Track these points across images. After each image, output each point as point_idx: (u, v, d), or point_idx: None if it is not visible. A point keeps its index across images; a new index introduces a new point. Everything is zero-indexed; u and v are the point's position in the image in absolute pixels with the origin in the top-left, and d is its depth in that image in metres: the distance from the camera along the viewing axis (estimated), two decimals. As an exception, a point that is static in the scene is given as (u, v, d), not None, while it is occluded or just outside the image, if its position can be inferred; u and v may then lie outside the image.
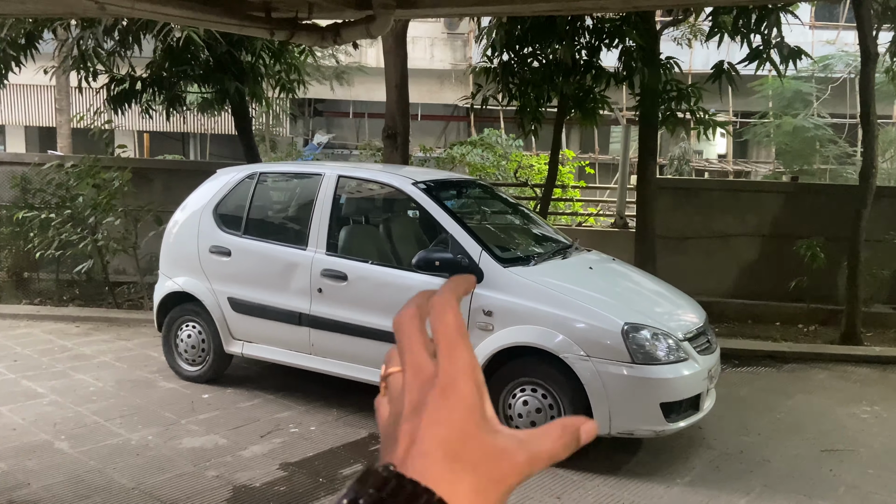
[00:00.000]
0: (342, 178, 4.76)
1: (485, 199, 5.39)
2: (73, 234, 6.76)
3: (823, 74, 17.30)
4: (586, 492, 3.65)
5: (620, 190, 9.39)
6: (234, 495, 3.44)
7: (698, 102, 7.05)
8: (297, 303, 4.59)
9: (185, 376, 5.09)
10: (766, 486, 3.79)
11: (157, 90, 7.58)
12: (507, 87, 7.32)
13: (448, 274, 4.11)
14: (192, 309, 5.04)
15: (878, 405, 5.17)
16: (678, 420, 3.88)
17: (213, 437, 4.14)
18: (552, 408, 3.93)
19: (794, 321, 7.69)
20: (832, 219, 7.68)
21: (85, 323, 6.61)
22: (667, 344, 3.89)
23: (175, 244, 5.19)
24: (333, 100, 21.99)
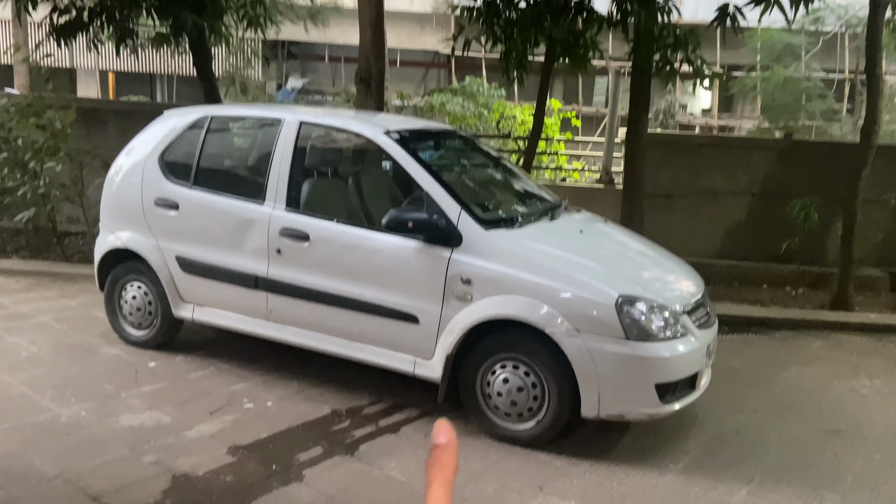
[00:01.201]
0: (305, 124, 4.20)
1: (465, 151, 4.88)
2: (10, 180, 6.14)
3: (815, 27, 16.80)
4: (571, 480, 3.29)
5: (607, 144, 8.92)
6: (171, 486, 3.01)
7: (696, 50, 6.54)
8: (252, 264, 4.10)
9: (130, 341, 4.61)
10: (766, 474, 3.45)
11: (106, 22, 6.86)
12: (491, 29, 6.74)
13: (422, 236, 3.64)
14: (136, 267, 4.53)
15: (877, 379, 4.88)
16: (674, 402, 3.51)
17: (155, 413, 3.69)
18: (535, 387, 3.53)
19: (782, 283, 7.40)
20: (825, 178, 7.34)
21: (26, 277, 6.05)
22: (664, 318, 3.49)
23: (117, 194, 4.63)
24: (308, 42, 21.01)
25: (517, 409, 3.58)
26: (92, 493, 2.93)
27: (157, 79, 22.90)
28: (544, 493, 3.16)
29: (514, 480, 3.25)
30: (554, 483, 3.26)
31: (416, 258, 3.68)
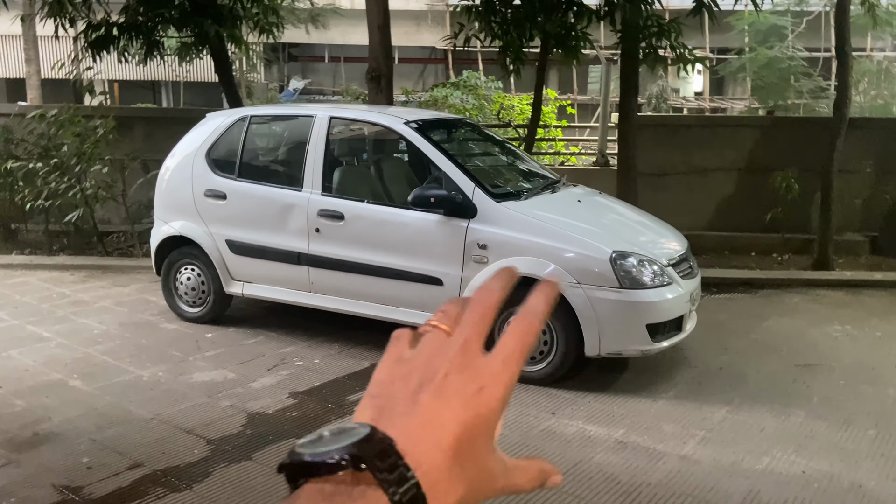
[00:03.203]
0: (334, 119, 4.83)
1: (474, 138, 5.50)
2: (60, 184, 6.76)
3: (799, 8, 17.34)
4: (579, 408, 3.91)
5: (602, 128, 9.51)
6: (249, 421, 3.64)
7: (679, 38, 7.13)
8: (295, 243, 4.72)
9: (186, 318, 5.23)
10: (744, 398, 4.08)
11: (135, 35, 7.46)
12: (489, 25, 7.33)
13: (443, 210, 4.26)
14: (190, 252, 5.15)
15: (848, 325, 5.48)
16: (663, 340, 4.13)
17: (221, 371, 4.33)
18: (545, 333, 4.15)
19: (770, 251, 7.98)
20: (807, 151, 7.89)
21: (79, 271, 6.69)
22: (652, 270, 4.10)
23: (168, 190, 5.25)
24: (308, 44, 21.56)
25: (530, 353, 4.19)
26: (185, 428, 3.56)
27: (162, 86, 23.48)
28: (556, 417, 3.79)
29: (531, 408, 3.88)
30: (564, 409, 3.88)
31: (438, 229, 4.30)
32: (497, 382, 0.44)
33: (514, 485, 0.46)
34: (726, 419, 3.82)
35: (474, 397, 0.43)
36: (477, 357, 0.45)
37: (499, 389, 0.44)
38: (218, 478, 3.10)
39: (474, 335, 0.46)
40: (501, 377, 0.44)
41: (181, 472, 3.15)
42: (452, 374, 0.44)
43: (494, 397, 0.44)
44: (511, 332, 0.47)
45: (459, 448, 0.42)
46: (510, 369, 0.45)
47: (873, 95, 16.85)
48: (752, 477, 3.22)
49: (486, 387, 0.44)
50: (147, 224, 7.37)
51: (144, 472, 3.14)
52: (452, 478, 0.42)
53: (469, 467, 0.43)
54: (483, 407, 0.43)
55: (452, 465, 0.42)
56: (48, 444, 3.40)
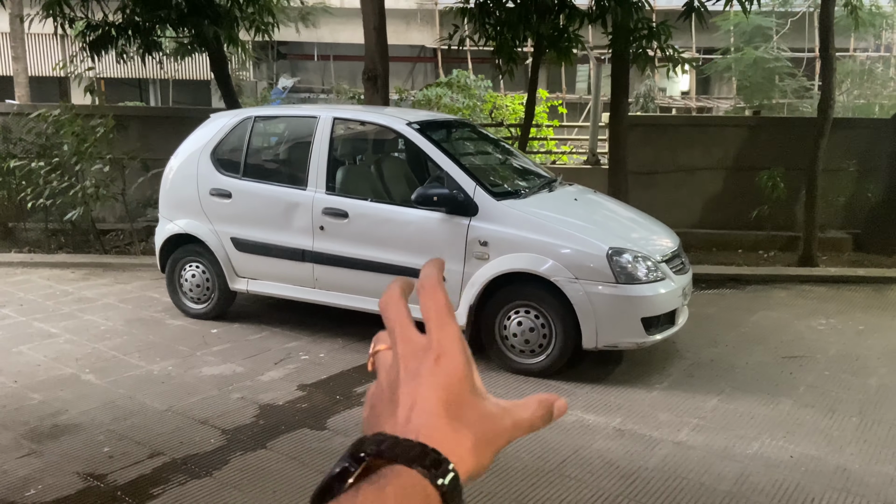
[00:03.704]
0: (338, 119, 4.96)
1: (472, 138, 5.65)
2: (61, 183, 6.84)
3: (784, 9, 17.64)
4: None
5: (592, 128, 9.69)
6: (261, 412, 3.77)
7: (668, 40, 7.31)
8: (300, 240, 4.84)
9: (191, 314, 5.34)
10: (734, 388, 4.26)
11: (133, 36, 7.53)
12: (483, 27, 7.48)
13: (445, 208, 4.41)
14: (194, 250, 5.26)
15: (833, 318, 5.69)
16: (656, 333, 4.30)
17: (230, 365, 4.45)
18: (544, 326, 4.32)
19: (756, 248, 8.20)
20: (792, 150, 8.11)
21: (79, 269, 6.77)
22: (646, 265, 4.27)
23: (173, 188, 5.36)
24: (297, 42, 21.57)
25: (530, 346, 4.36)
26: (199, 419, 3.69)
27: (150, 84, 23.40)
28: (556, 407, 3.94)
29: (532, 399, 4.02)
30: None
31: (441, 227, 4.45)
32: (444, 343, 0.49)
33: (521, 420, 0.50)
34: (718, 408, 4.00)
35: (436, 366, 0.48)
36: (417, 340, 0.49)
37: (450, 346, 0.48)
38: (236, 465, 3.24)
39: (402, 327, 0.50)
40: (445, 338, 0.49)
41: (200, 459, 3.28)
42: (408, 361, 0.49)
43: (452, 355, 0.48)
44: (425, 305, 0.50)
45: (449, 407, 0.46)
46: (447, 329, 0.49)
47: (856, 95, 17.19)
48: (743, 461, 3.39)
49: (441, 353, 0.48)
50: (145, 222, 7.47)
51: (165, 461, 3.26)
52: (455, 431, 0.46)
53: (467, 417, 0.47)
54: (449, 366, 0.48)
55: (450, 421, 0.46)
56: (68, 435, 3.52)
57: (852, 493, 3.13)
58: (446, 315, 0.50)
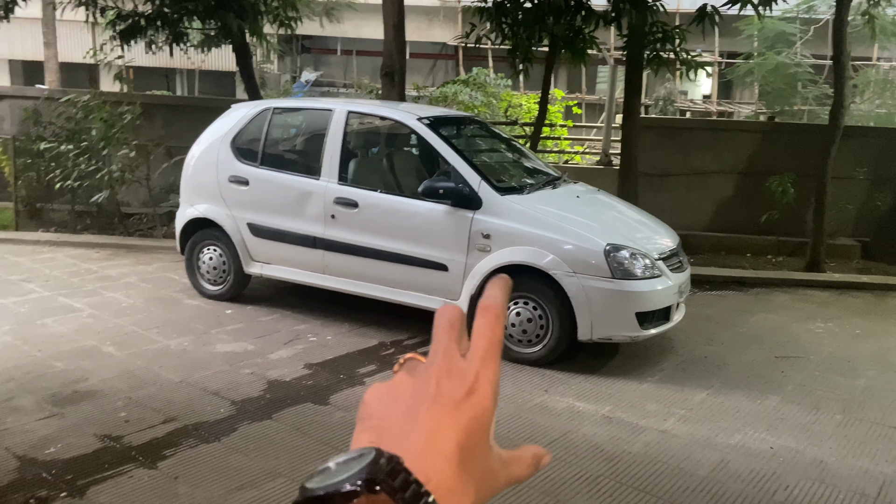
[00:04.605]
0: (352, 113, 5.17)
1: (481, 134, 5.83)
2: (89, 166, 7.13)
3: (807, 15, 17.57)
4: (570, 387, 4.25)
5: (606, 129, 9.82)
6: (269, 387, 3.99)
7: (682, 44, 7.42)
8: (312, 228, 5.06)
9: (207, 295, 5.58)
10: (723, 384, 4.41)
11: (161, 26, 7.80)
12: (499, 26, 7.63)
13: (450, 201, 4.60)
14: (212, 234, 5.50)
15: (831, 322, 5.80)
16: (651, 328, 4.46)
17: (242, 343, 4.68)
18: (541, 318, 4.49)
19: (765, 252, 8.28)
20: (804, 157, 8.16)
21: (104, 249, 7.05)
22: (643, 262, 4.43)
23: (194, 175, 5.60)
24: (321, 36, 21.85)
25: (528, 336, 4.54)
26: (211, 390, 3.92)
27: (176, 74, 23.82)
28: (549, 394, 4.13)
29: (526, 385, 4.21)
30: (556, 387, 4.22)
31: (446, 219, 4.63)
32: (483, 381, 0.45)
33: (513, 476, 0.48)
34: (705, 401, 4.15)
35: (466, 400, 0.45)
36: (458, 361, 0.46)
37: (487, 387, 0.45)
38: (243, 433, 3.46)
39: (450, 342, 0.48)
40: (485, 375, 0.46)
41: (210, 426, 3.50)
42: (442, 380, 0.45)
43: (485, 396, 0.45)
44: (479, 330, 0.48)
45: (463, 454, 0.43)
46: (491, 365, 0.46)
47: (878, 104, 17.09)
48: (724, 450, 3.55)
49: (475, 388, 0.45)
50: (167, 207, 7.75)
51: (177, 426, 3.49)
52: (462, 484, 0.43)
53: (474, 471, 0.44)
54: (477, 408, 0.45)
55: (460, 473, 0.43)
56: (88, 401, 3.76)
57: (825, 484, 3.27)
58: (495, 350, 0.47)
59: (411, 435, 0.43)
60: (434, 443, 0.43)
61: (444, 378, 0.45)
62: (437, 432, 0.43)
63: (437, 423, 0.44)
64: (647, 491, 3.14)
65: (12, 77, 21.34)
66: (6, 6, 7.76)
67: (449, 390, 0.45)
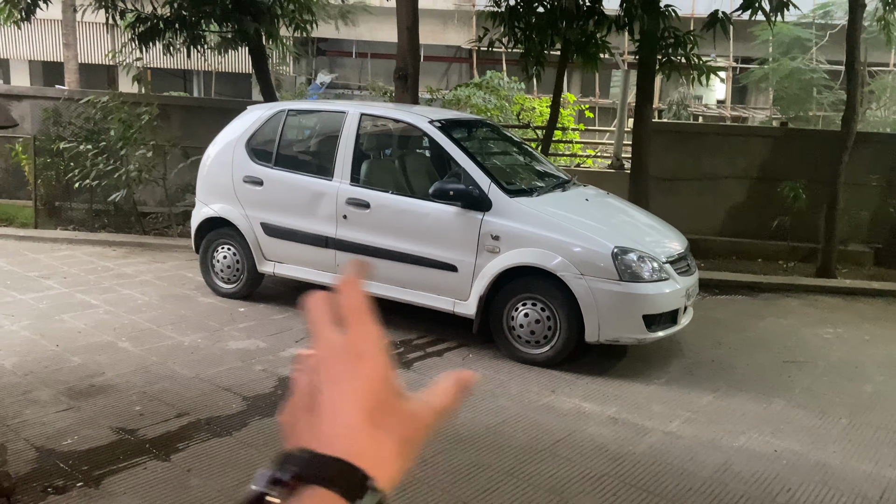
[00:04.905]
0: (364, 115, 5.25)
1: (493, 137, 5.89)
2: (107, 166, 7.26)
3: (823, 21, 17.49)
4: (576, 387, 4.29)
5: (618, 132, 9.84)
6: (280, 384, 4.07)
7: (694, 49, 7.44)
8: (324, 228, 5.14)
9: (220, 293, 5.68)
10: (730, 387, 4.43)
11: (179, 29, 7.94)
12: (512, 31, 7.69)
13: (460, 203, 4.66)
14: (227, 233, 5.59)
15: (840, 328, 5.80)
16: (658, 330, 4.49)
17: (254, 341, 4.76)
18: (549, 319, 4.54)
19: (776, 258, 8.26)
20: (817, 163, 8.14)
21: (120, 247, 7.18)
22: (651, 265, 4.47)
23: (209, 175, 5.70)
24: (336, 39, 21.99)
25: (535, 337, 4.58)
26: (223, 386, 4.00)
27: (193, 75, 24.07)
28: (555, 395, 4.18)
29: (533, 385, 4.26)
30: (563, 388, 4.27)
31: (456, 220, 4.70)
32: (365, 345, 0.49)
33: (440, 407, 0.50)
34: (711, 403, 4.18)
35: (355, 368, 0.47)
36: (336, 340, 0.49)
37: (372, 349, 0.48)
38: (254, 428, 3.54)
39: (321, 330, 0.50)
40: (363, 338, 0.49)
41: (222, 421, 3.58)
42: (327, 364, 0.48)
43: (372, 356, 0.48)
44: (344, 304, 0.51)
45: (371, 414, 0.46)
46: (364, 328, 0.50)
47: (894, 110, 16.97)
48: (728, 452, 3.58)
49: (361, 354, 0.48)
50: (183, 206, 7.87)
51: (190, 420, 3.58)
52: (378, 438, 0.46)
53: (390, 421, 0.47)
54: (369, 369, 0.47)
55: (372, 431, 0.46)
56: (103, 394, 3.86)
57: (828, 486, 3.29)
58: (365, 315, 0.50)
59: (315, 425, 0.47)
60: (337, 419, 0.46)
61: (329, 361, 0.48)
62: (338, 409, 0.46)
63: (334, 403, 0.46)
64: (650, 490, 3.18)
65: (32, 77, 21.64)
66: (28, 7, 7.92)
67: (335, 372, 0.47)
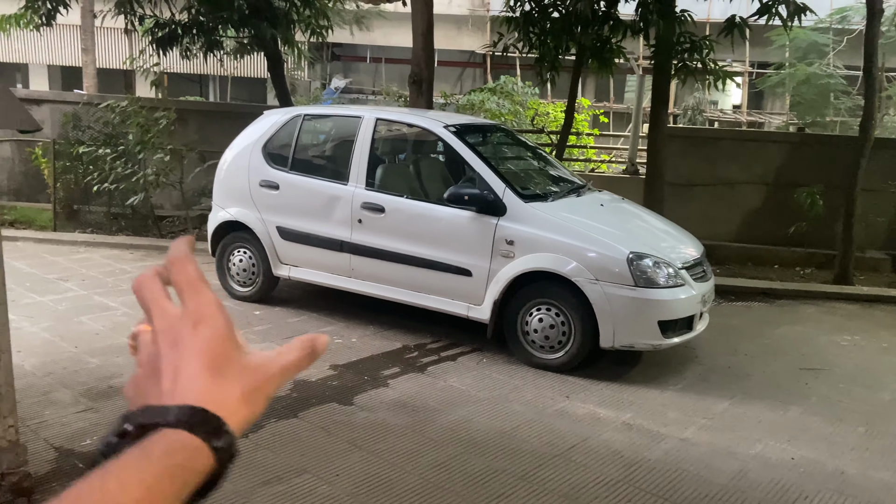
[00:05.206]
0: (380, 120, 5.28)
1: (507, 142, 5.90)
2: (125, 170, 7.35)
3: (841, 26, 17.36)
4: (591, 393, 4.28)
5: (633, 137, 9.82)
6: (295, 386, 4.09)
7: (710, 54, 7.42)
8: (339, 232, 5.16)
9: (236, 296, 5.72)
10: (746, 394, 4.40)
11: (197, 35, 8.02)
12: (527, 36, 7.70)
13: (475, 208, 4.67)
14: (243, 236, 5.64)
15: (857, 335, 5.74)
16: (673, 337, 4.47)
17: (269, 344, 4.79)
18: (564, 324, 4.53)
19: (793, 264, 8.21)
20: (834, 168, 8.09)
21: (137, 250, 7.25)
22: (666, 271, 4.45)
23: (226, 179, 5.75)
24: (351, 44, 22.12)
25: (549, 342, 4.58)
26: (239, 388, 4.02)
27: (209, 80, 24.27)
28: (570, 400, 4.17)
29: (547, 391, 4.26)
30: (577, 394, 4.26)
31: (470, 225, 4.71)
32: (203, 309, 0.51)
33: (288, 364, 0.52)
34: (727, 410, 4.16)
35: (194, 331, 0.50)
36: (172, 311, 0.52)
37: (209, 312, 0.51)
38: (269, 430, 3.56)
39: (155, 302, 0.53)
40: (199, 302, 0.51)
41: (237, 423, 3.60)
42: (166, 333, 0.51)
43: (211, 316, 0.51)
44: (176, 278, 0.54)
45: (213, 366, 0.49)
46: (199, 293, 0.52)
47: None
48: (744, 459, 3.56)
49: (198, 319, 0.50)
50: (199, 210, 7.94)
51: (206, 422, 3.60)
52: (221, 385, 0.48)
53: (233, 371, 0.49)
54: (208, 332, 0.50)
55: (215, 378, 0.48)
56: (121, 396, 3.88)
57: (845, 495, 3.26)
58: (198, 282, 0.52)
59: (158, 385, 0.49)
60: (180, 374, 0.48)
61: (167, 331, 0.51)
62: (180, 367, 0.48)
63: (175, 363, 0.49)
64: (664, 497, 3.17)
65: (51, 82, 21.93)
66: (48, 13, 8.04)
67: (174, 337, 0.50)
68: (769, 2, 6.59)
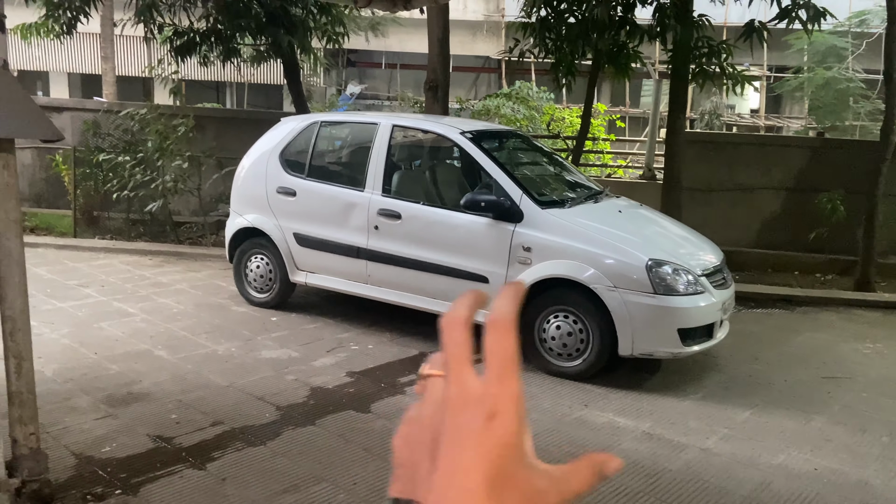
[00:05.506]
0: (396, 127, 5.28)
1: (523, 148, 5.88)
2: (144, 177, 7.41)
3: (860, 29, 17.17)
4: (610, 401, 4.24)
5: (650, 143, 9.77)
6: (312, 393, 4.09)
7: (728, 59, 7.36)
8: (356, 238, 5.17)
9: (253, 302, 5.74)
10: (767, 403, 4.34)
11: (215, 42, 8.09)
12: (543, 41, 7.69)
13: (492, 214, 4.66)
14: (260, 243, 5.66)
15: (880, 343, 5.65)
16: (693, 345, 4.42)
17: (286, 350, 4.80)
18: (581, 332, 4.50)
19: (813, 271, 8.10)
20: (855, 173, 7.98)
21: (156, 256, 7.31)
22: (686, 278, 4.41)
23: (244, 185, 5.78)
24: (366, 50, 22.20)
25: (567, 350, 4.55)
26: (256, 395, 4.03)
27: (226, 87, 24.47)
28: (588, 408, 4.13)
29: (566, 399, 4.22)
30: (596, 402, 4.22)
31: (487, 231, 4.69)
32: (502, 403, 0.43)
33: (569, 490, 0.44)
34: (749, 420, 4.10)
35: (486, 429, 0.42)
36: (472, 386, 0.43)
37: (508, 409, 0.43)
38: (287, 437, 3.56)
39: (457, 364, 0.44)
40: (504, 395, 0.43)
41: (256, 430, 3.61)
42: (457, 411, 0.43)
43: (508, 418, 0.43)
44: (490, 349, 0.44)
45: (493, 484, 0.41)
46: (508, 384, 0.43)
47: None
48: (767, 470, 3.50)
49: (495, 412, 0.42)
50: (216, 216, 7.99)
51: (225, 429, 3.61)
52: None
53: (512, 496, 0.42)
54: (501, 432, 0.42)
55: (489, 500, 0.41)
56: (140, 402, 3.91)
57: (871, 507, 3.20)
58: (512, 365, 0.44)
59: (434, 477, 0.42)
60: (456, 481, 0.41)
61: (459, 409, 0.43)
62: (458, 470, 0.41)
63: (456, 463, 0.42)
64: (686, 508, 3.12)
65: (71, 89, 22.21)
66: (69, 22, 8.14)
67: (466, 422, 0.42)
68: (789, 6, 6.53)
